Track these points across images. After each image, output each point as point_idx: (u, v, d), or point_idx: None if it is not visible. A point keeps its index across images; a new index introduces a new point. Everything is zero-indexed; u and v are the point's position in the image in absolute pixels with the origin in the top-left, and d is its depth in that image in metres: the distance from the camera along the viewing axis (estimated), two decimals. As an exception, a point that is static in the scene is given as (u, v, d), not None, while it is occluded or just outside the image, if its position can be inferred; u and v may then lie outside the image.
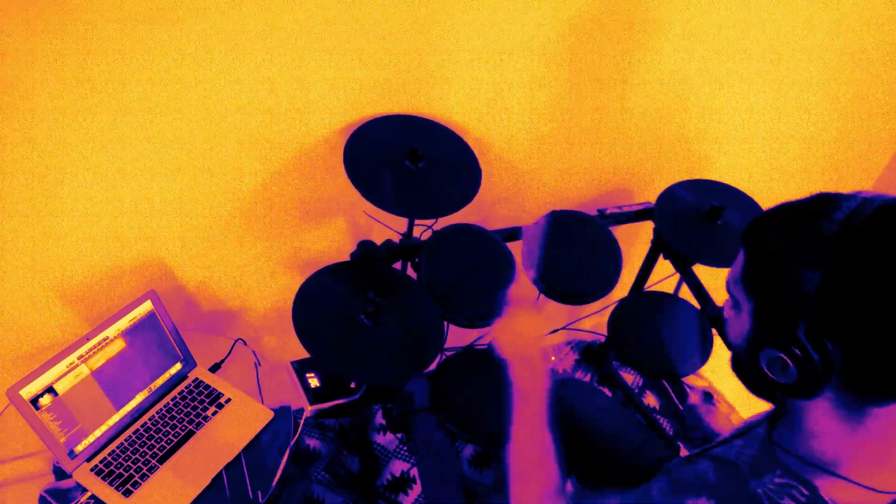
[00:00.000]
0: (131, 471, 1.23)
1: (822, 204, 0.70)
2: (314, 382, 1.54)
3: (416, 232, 1.59)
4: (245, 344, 1.55)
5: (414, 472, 1.78)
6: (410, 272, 1.58)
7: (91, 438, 1.25)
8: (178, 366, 1.41)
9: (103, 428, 1.27)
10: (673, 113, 1.79)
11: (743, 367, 0.82)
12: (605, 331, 1.71)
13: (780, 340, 0.71)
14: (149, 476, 1.22)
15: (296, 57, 1.29)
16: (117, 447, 1.27)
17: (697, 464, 0.83)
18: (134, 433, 1.30)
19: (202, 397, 1.38)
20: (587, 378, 2.17)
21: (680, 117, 1.81)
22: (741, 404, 2.09)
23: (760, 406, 0.88)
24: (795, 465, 0.76)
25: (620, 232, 1.73)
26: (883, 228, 0.66)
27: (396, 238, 1.53)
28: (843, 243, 0.66)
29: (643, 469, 0.92)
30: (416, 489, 1.75)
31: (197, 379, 1.42)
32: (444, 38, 1.38)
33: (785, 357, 0.71)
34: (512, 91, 1.55)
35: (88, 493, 1.20)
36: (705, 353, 1.61)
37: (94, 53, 1.14)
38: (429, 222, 1.60)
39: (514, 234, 1.63)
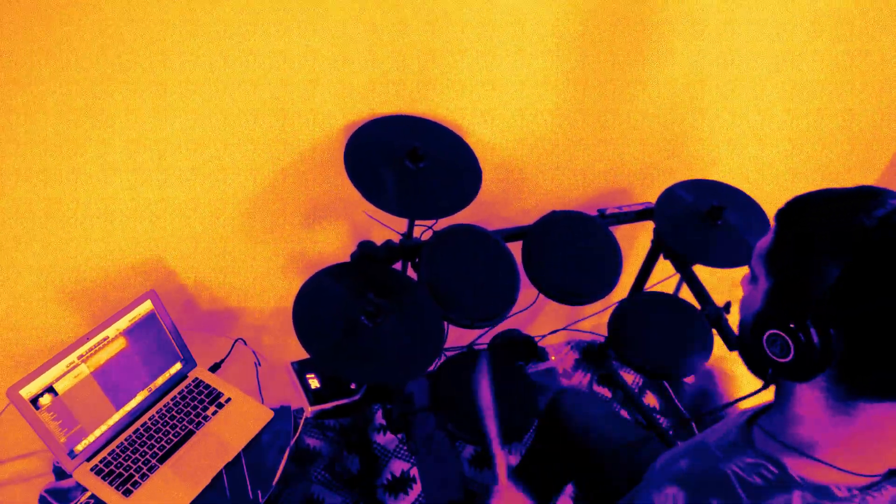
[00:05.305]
0: (131, 470, 1.23)
1: (867, 197, 0.69)
2: (314, 383, 1.54)
3: (417, 232, 1.59)
4: (245, 344, 1.55)
5: (414, 472, 1.78)
6: (410, 272, 1.58)
7: (91, 438, 1.25)
8: (178, 365, 1.41)
9: (103, 428, 1.27)
10: (682, 114, 1.78)
11: (744, 343, 0.81)
12: (605, 331, 1.71)
13: (787, 322, 0.71)
14: (149, 476, 1.22)
15: (308, 57, 1.29)
16: (117, 447, 1.27)
17: (675, 454, 0.85)
18: (134, 433, 1.30)
19: (202, 397, 1.38)
20: (587, 378, 2.17)
21: (691, 118, 1.80)
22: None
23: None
24: (770, 447, 0.77)
25: (620, 232, 1.73)
26: None
27: (396, 238, 1.53)
28: (873, 238, 0.66)
29: (639, 467, 0.93)
30: (416, 489, 1.75)
31: (197, 379, 1.42)
32: (449, 38, 1.38)
33: (787, 337, 0.71)
34: (514, 92, 1.55)
35: (88, 493, 1.20)
36: (705, 353, 1.61)
37: (105, 54, 1.14)
38: (429, 222, 1.60)
39: (514, 234, 1.63)
